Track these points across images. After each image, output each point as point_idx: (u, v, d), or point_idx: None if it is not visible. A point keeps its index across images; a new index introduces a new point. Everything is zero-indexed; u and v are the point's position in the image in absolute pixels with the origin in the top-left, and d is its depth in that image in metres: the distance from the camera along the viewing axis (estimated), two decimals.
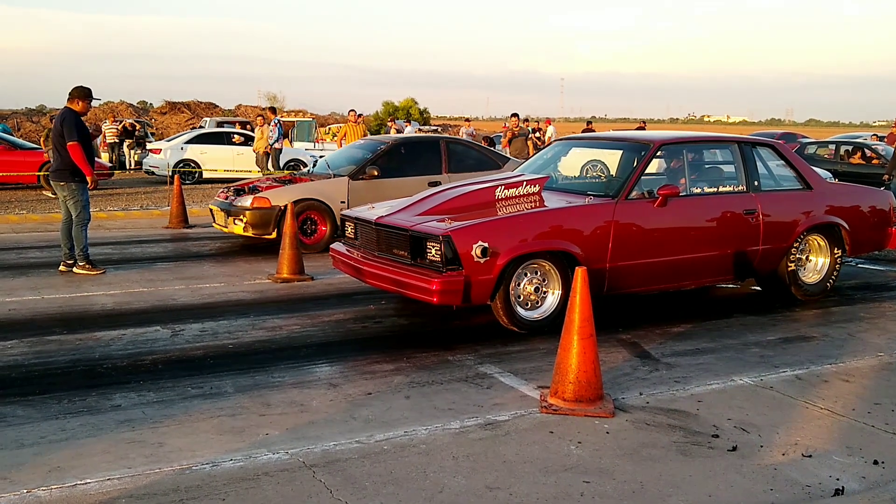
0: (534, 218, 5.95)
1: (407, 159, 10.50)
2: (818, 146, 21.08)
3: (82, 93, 8.23)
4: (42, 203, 14.90)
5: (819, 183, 7.43)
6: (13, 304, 6.83)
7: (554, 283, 5.97)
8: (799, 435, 4.12)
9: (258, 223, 9.41)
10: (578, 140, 8.10)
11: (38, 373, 4.98)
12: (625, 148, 7.03)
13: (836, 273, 7.38)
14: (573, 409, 4.34)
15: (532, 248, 5.79)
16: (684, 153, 6.97)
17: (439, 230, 5.61)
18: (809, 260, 7.35)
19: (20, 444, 3.85)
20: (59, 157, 8.12)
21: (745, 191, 6.88)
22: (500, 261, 5.62)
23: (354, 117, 16.97)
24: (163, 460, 3.68)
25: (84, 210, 8.22)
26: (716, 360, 5.44)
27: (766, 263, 6.97)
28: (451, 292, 5.53)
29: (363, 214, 6.53)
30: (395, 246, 6.03)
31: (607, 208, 6.14)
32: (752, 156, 7.08)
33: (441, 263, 5.56)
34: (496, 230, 5.71)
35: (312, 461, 3.68)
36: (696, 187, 6.80)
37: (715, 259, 6.66)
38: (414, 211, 6.19)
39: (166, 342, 5.72)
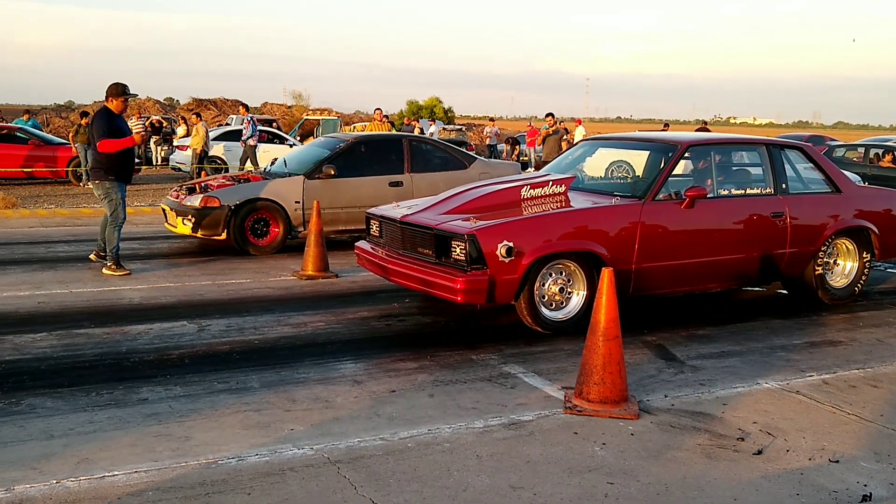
0: (559, 218, 5.94)
1: (366, 158, 10.21)
2: (847, 149, 20.88)
3: (116, 90, 8.02)
4: (71, 198, 15.06)
5: (848, 186, 7.35)
6: (42, 297, 6.91)
7: (579, 284, 5.95)
8: (826, 440, 4.09)
9: (207, 223, 9.13)
10: (605, 140, 8.07)
11: (66, 365, 5.04)
12: (652, 149, 7.02)
13: (865, 278, 7.30)
14: (598, 410, 4.33)
15: (557, 249, 5.78)
16: (712, 155, 6.92)
17: (464, 229, 5.62)
18: (837, 264, 7.28)
19: (49, 436, 3.90)
20: (94, 157, 8.00)
21: (773, 193, 6.82)
22: (524, 261, 5.61)
23: (380, 116, 17.00)
24: (189, 454, 3.71)
25: (119, 209, 7.98)
26: (741, 363, 5.40)
27: (793, 267, 6.91)
28: (476, 291, 5.53)
29: (388, 213, 6.55)
30: (419, 245, 6.04)
31: (634, 209, 6.12)
32: (780, 158, 7.02)
33: (466, 262, 5.56)
34: (521, 230, 5.70)
35: (337, 457, 3.70)
36: (723, 189, 6.74)
37: (741, 262, 6.61)
38: (439, 210, 6.19)
39: (193, 337, 5.77)
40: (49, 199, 14.71)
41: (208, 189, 9.47)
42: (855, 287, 7.26)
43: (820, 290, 7.07)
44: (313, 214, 8.13)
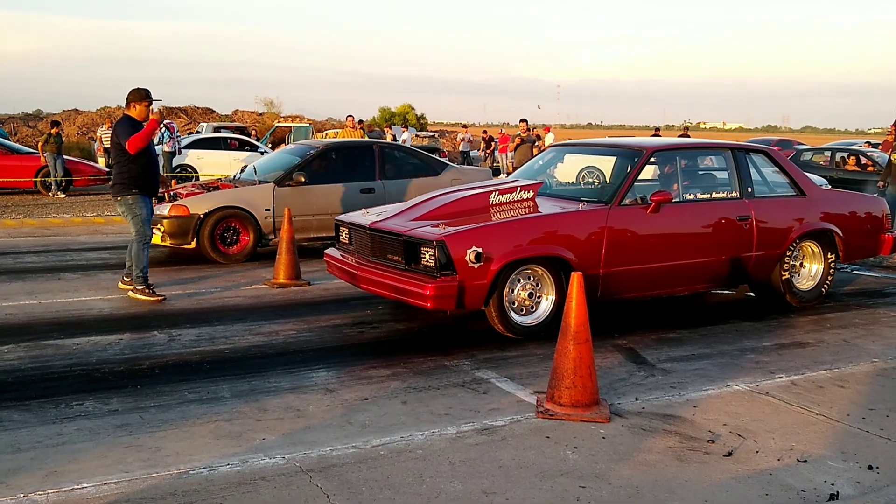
0: (528, 223, 5.99)
1: (337, 165, 10.20)
2: (814, 153, 21.14)
3: (139, 95, 7.34)
4: (39, 208, 14.89)
5: (812, 189, 7.45)
6: (10, 308, 6.82)
7: (548, 289, 5.98)
8: (794, 440, 4.14)
9: (176, 232, 9.04)
10: (573, 146, 8.13)
11: (34, 377, 4.98)
12: (618, 154, 7.08)
13: (831, 279, 7.40)
14: (569, 414, 4.35)
15: (526, 254, 5.81)
16: (677, 160, 7.00)
17: (433, 235, 5.63)
18: (803, 266, 7.36)
19: (17, 449, 3.86)
20: (117, 171, 7.31)
21: (739, 197, 6.90)
22: (493, 266, 5.64)
23: (352, 122, 16.98)
24: (160, 465, 3.68)
25: (144, 226, 7.33)
26: (711, 365, 5.45)
27: (760, 270, 6.99)
28: (445, 297, 5.55)
29: (357, 219, 6.54)
30: (389, 251, 6.04)
31: (600, 214, 6.16)
32: (746, 162, 7.10)
33: (435, 268, 5.57)
34: (490, 235, 5.73)
35: (309, 466, 3.69)
36: (689, 193, 6.82)
37: (708, 265, 6.68)
38: (408, 216, 6.20)
39: (163, 347, 5.72)
40: (17, 210, 14.53)
41: (177, 197, 9.38)
42: (821, 289, 7.35)
43: (787, 293, 7.14)
44: (284, 222, 8.10)
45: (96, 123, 31.99)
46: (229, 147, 20.39)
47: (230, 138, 21.28)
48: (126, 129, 7.19)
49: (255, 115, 41.33)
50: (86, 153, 25.83)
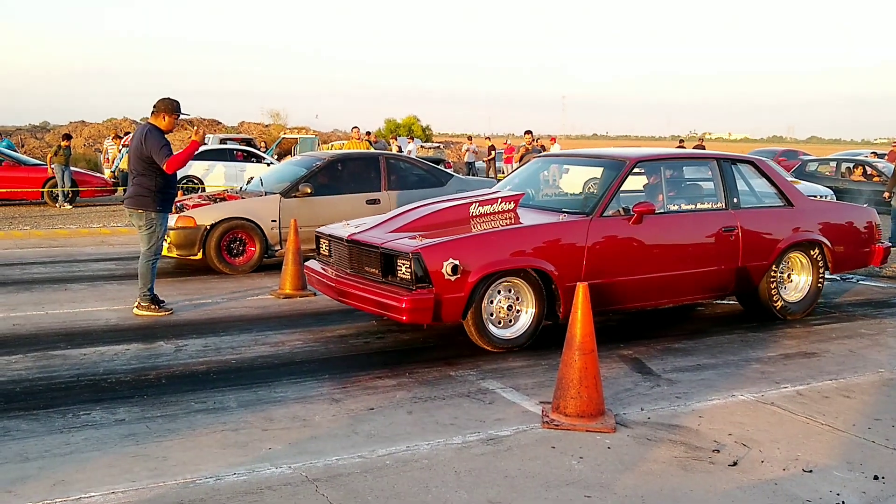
0: (506, 235, 5.93)
1: (343, 176, 10.24)
2: (819, 163, 21.15)
3: (169, 106, 7.13)
4: (46, 219, 14.95)
5: (800, 200, 7.37)
6: (17, 318, 6.86)
7: (528, 301, 5.93)
8: (800, 450, 4.14)
9: (182, 243, 9.07)
10: (559, 157, 8.07)
11: (42, 387, 5.01)
12: (602, 165, 6.98)
13: (820, 291, 7.32)
14: (575, 424, 4.36)
15: (504, 266, 5.74)
16: (662, 170, 6.93)
17: (409, 247, 5.58)
18: (791, 278, 7.27)
19: (25, 458, 3.88)
20: (137, 182, 7.06)
21: (724, 208, 6.84)
22: (471, 278, 5.59)
23: (358, 134, 17.04)
24: (167, 474, 3.70)
25: (160, 242, 7.22)
26: (717, 375, 5.46)
27: (747, 281, 6.91)
28: (421, 310, 5.49)
29: (336, 231, 6.48)
30: (366, 263, 5.99)
31: (581, 225, 6.10)
32: (732, 172, 7.03)
33: (411, 281, 5.53)
34: (467, 247, 5.67)
35: (315, 475, 3.71)
36: (673, 204, 6.76)
37: (693, 277, 6.61)
38: (387, 228, 6.15)
39: (170, 357, 5.75)
40: (24, 221, 14.60)
41: (184, 209, 9.42)
42: (809, 301, 7.25)
43: (774, 305, 7.04)
44: (291, 233, 8.14)
45: (102, 135, 32.12)
46: (235, 158, 20.44)
47: (236, 150, 21.33)
48: (159, 143, 6.94)
49: (262, 127, 41.47)
50: (92, 164, 25.94)
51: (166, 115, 7.11)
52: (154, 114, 7.15)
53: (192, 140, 7.23)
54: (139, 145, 7.00)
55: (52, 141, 34.60)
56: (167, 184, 7.13)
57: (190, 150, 7.11)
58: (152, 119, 7.16)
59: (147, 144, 6.94)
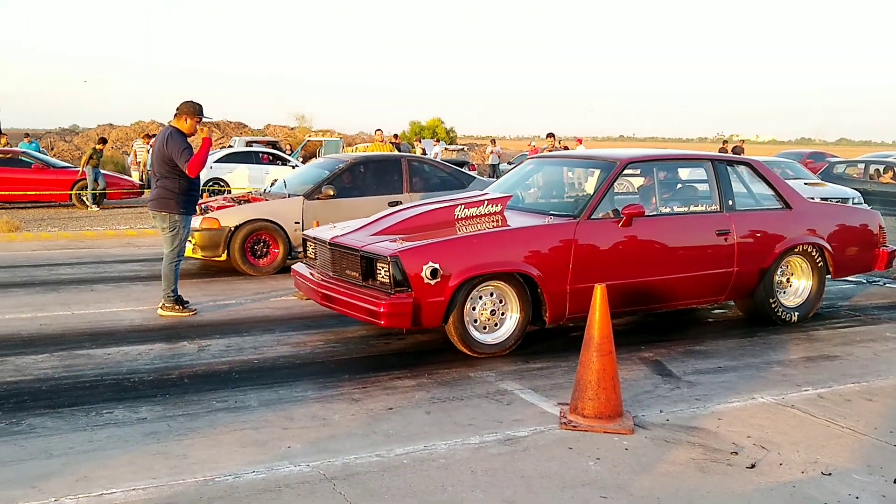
0: (488, 238, 5.79)
1: (366, 179, 10.28)
2: (847, 165, 20.92)
3: (192, 109, 7.20)
4: (74, 220, 15.15)
5: (799, 203, 7.17)
6: (44, 319, 6.96)
7: (513, 306, 5.82)
8: (819, 453, 4.12)
9: (207, 244, 9.17)
10: (551, 158, 7.96)
11: (66, 386, 5.09)
12: (592, 166, 6.87)
13: (820, 296, 7.17)
14: (592, 425, 4.36)
15: (486, 270, 5.62)
16: (654, 171, 6.83)
17: (388, 251, 5.52)
18: (790, 282, 7.13)
19: (49, 455, 3.95)
20: (161, 185, 7.14)
21: (719, 210, 6.67)
22: (451, 282, 5.49)
23: (381, 136, 17.10)
24: (186, 472, 3.75)
25: (184, 244, 7.32)
26: (738, 378, 5.43)
27: (742, 286, 6.75)
28: (400, 315, 5.41)
29: (320, 234, 6.44)
30: (348, 267, 5.93)
31: (567, 228, 5.96)
32: (727, 174, 6.86)
33: (390, 285, 5.45)
34: (448, 251, 5.58)
35: (333, 474, 3.74)
36: (666, 207, 6.63)
37: (686, 281, 6.45)
38: (370, 230, 6.09)
39: (193, 357, 5.82)
40: (52, 223, 14.80)
41: (208, 210, 9.52)
42: (809, 306, 7.10)
43: (771, 310, 6.90)
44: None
45: (130, 138, 32.50)
46: (261, 161, 20.60)
47: (262, 152, 21.50)
48: (181, 146, 7.01)
49: (287, 130, 41.74)
50: (119, 167, 26.22)
51: (188, 118, 7.18)
52: (177, 116, 7.22)
53: (203, 139, 7.30)
54: (162, 147, 7.08)
55: (81, 144, 35.11)
56: (190, 186, 7.19)
57: (204, 148, 7.17)
58: (175, 122, 7.23)
59: (169, 148, 7.02)
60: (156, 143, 7.26)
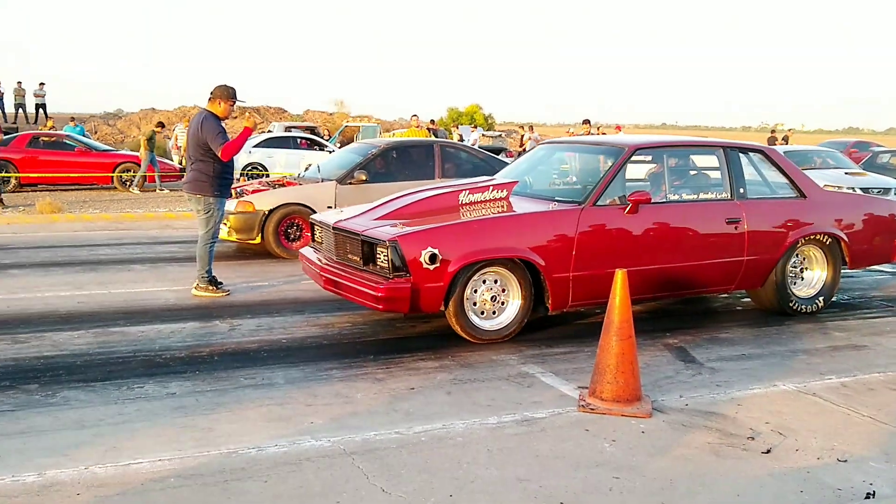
0: (489, 224, 5.76)
1: (398, 164, 10.34)
2: (892, 155, 20.58)
3: (226, 93, 7.28)
4: (115, 203, 15.48)
5: (814, 191, 7.02)
6: (81, 297, 7.16)
7: (514, 292, 5.79)
8: (837, 440, 4.13)
9: (241, 227, 9.33)
10: (561, 144, 7.89)
11: (100, 361, 5.25)
12: (601, 153, 6.81)
13: (835, 286, 7.04)
14: (610, 408, 4.41)
15: (486, 256, 5.59)
16: (665, 158, 6.76)
17: (387, 235, 5.50)
18: (804, 273, 7.02)
19: (81, 426, 4.10)
20: (196, 168, 7.25)
21: (730, 198, 6.56)
22: (451, 268, 5.47)
23: (417, 122, 17.18)
24: (211, 444, 3.88)
25: (216, 226, 7.39)
26: (761, 365, 5.43)
27: (753, 275, 6.65)
28: (398, 300, 5.42)
29: (326, 218, 6.46)
30: (349, 251, 5.94)
31: (571, 215, 5.91)
32: (739, 162, 6.74)
33: (388, 269, 5.46)
34: (447, 236, 5.55)
35: (352, 449, 3.84)
36: (674, 194, 6.57)
37: (694, 270, 6.36)
38: (373, 215, 6.08)
39: (223, 336, 5.96)
40: (94, 205, 15.12)
41: (244, 194, 9.68)
42: (820, 297, 6.96)
43: (783, 300, 6.80)
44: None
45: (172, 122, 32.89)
46: (299, 146, 20.80)
47: (300, 138, 21.71)
48: (215, 130, 7.11)
49: (326, 115, 41.99)
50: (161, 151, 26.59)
51: (222, 102, 7.27)
52: (210, 100, 7.32)
53: (244, 127, 7.45)
54: (196, 131, 7.18)
55: (123, 127, 35.63)
56: (224, 170, 7.31)
57: (243, 136, 7.31)
58: (209, 105, 7.32)
59: (204, 131, 7.11)
60: (190, 127, 7.39)
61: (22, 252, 9.70)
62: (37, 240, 10.79)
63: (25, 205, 14.72)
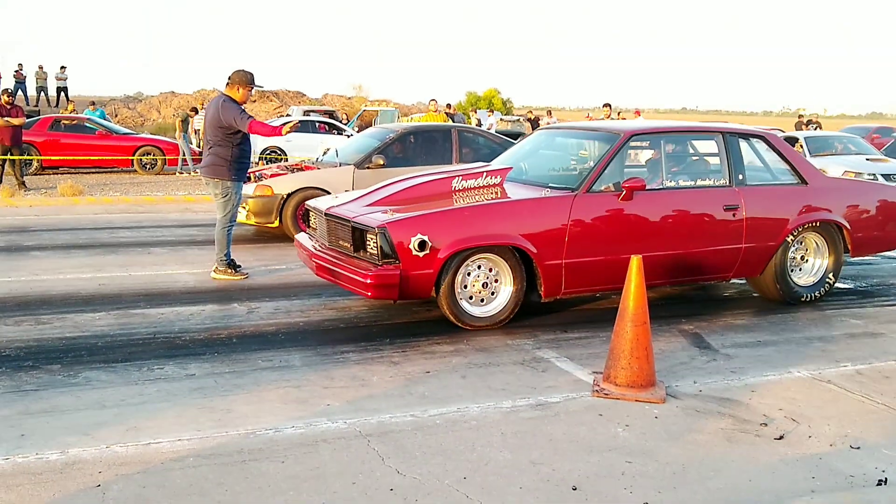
0: (480, 210, 5.73)
1: (416, 148, 10.35)
2: None
3: (244, 78, 7.33)
4: (135, 186, 15.61)
5: (816, 178, 6.91)
6: (103, 279, 7.26)
7: (506, 279, 5.76)
8: (850, 427, 4.14)
9: (260, 211, 9.38)
10: (559, 130, 7.84)
11: (121, 342, 5.33)
12: (597, 138, 6.73)
13: (837, 275, 6.95)
14: (624, 393, 4.44)
15: (477, 243, 5.57)
16: (662, 144, 6.69)
17: (376, 222, 5.49)
18: (805, 260, 6.91)
19: (102, 406, 4.18)
20: (213, 152, 7.32)
21: (728, 184, 6.46)
22: (441, 255, 5.46)
23: (435, 106, 17.17)
24: (230, 425, 3.94)
25: (234, 209, 7.49)
26: (776, 352, 5.44)
27: (751, 263, 6.57)
28: (387, 286, 5.42)
29: (319, 204, 6.45)
30: (341, 237, 5.94)
31: (564, 201, 5.85)
32: (738, 148, 6.65)
33: (377, 256, 5.46)
34: (437, 223, 5.53)
35: (368, 431, 3.90)
36: (671, 180, 6.49)
37: (690, 257, 6.29)
38: (365, 201, 6.06)
39: (242, 318, 6.02)
40: (114, 187, 15.26)
41: (262, 178, 9.74)
42: (822, 286, 6.88)
43: (782, 288, 6.71)
44: None
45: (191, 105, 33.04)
46: (318, 130, 20.87)
47: (319, 122, 21.77)
48: (237, 109, 7.16)
49: (344, 99, 42.00)
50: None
51: (240, 87, 7.31)
52: (228, 85, 7.37)
53: (279, 128, 7.49)
54: (216, 116, 7.22)
55: (143, 111, 35.80)
56: (241, 154, 7.36)
57: (271, 132, 7.45)
58: (227, 90, 7.37)
59: (224, 114, 7.15)
60: (208, 111, 7.43)
61: (44, 234, 9.82)
62: (58, 222, 10.91)
63: (47, 187, 14.89)
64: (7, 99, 14.92)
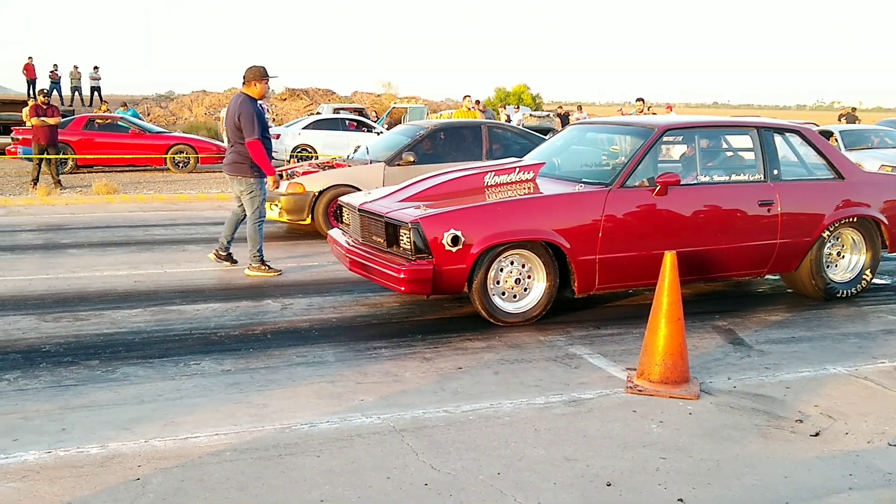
0: (513, 206, 5.71)
1: (446, 145, 10.37)
2: None
3: (258, 73, 7.40)
4: (168, 184, 15.77)
5: (853, 172, 6.82)
6: (138, 276, 7.36)
7: (539, 275, 5.75)
8: (888, 424, 4.09)
9: (292, 209, 9.46)
10: (592, 125, 7.71)
11: (157, 339, 5.41)
12: (631, 133, 6.68)
13: (873, 271, 6.81)
14: (658, 390, 4.42)
15: (510, 238, 5.56)
16: (696, 139, 6.63)
17: (409, 217, 5.51)
18: (842, 256, 6.81)
19: (140, 401, 4.24)
20: (235, 150, 7.47)
21: (763, 180, 6.38)
22: (473, 250, 5.47)
23: (470, 103, 17.15)
24: (266, 420, 3.99)
25: (263, 206, 7.60)
26: (811, 348, 5.39)
27: (786, 259, 6.50)
28: (420, 281, 5.44)
29: (352, 200, 6.47)
30: (374, 233, 5.97)
31: (598, 197, 5.83)
32: (773, 142, 6.55)
33: (411, 251, 5.47)
34: (470, 218, 5.55)
35: (402, 426, 3.92)
36: (705, 176, 6.42)
37: (724, 253, 6.24)
38: (398, 196, 6.10)
39: (276, 315, 6.08)
40: (148, 186, 15.43)
41: (294, 176, 9.81)
42: (859, 282, 6.77)
43: (817, 284, 6.63)
44: None
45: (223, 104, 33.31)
46: (347, 128, 20.95)
47: (348, 119, 21.86)
48: (251, 118, 7.24)
49: (374, 97, 42.13)
50: (212, 132, 26.96)
51: (257, 83, 7.40)
52: (245, 84, 7.46)
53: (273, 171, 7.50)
54: (234, 117, 7.33)
55: (176, 110, 36.17)
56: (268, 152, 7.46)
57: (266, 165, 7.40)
58: (245, 89, 7.46)
59: (241, 118, 7.27)
60: (229, 110, 7.50)
61: (80, 232, 9.98)
62: (94, 220, 11.08)
63: (82, 186, 15.10)
64: (43, 99, 15.15)
